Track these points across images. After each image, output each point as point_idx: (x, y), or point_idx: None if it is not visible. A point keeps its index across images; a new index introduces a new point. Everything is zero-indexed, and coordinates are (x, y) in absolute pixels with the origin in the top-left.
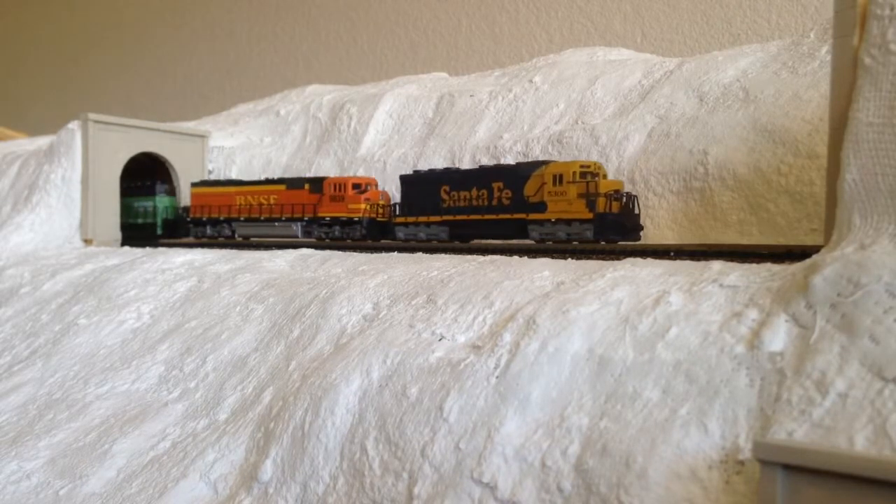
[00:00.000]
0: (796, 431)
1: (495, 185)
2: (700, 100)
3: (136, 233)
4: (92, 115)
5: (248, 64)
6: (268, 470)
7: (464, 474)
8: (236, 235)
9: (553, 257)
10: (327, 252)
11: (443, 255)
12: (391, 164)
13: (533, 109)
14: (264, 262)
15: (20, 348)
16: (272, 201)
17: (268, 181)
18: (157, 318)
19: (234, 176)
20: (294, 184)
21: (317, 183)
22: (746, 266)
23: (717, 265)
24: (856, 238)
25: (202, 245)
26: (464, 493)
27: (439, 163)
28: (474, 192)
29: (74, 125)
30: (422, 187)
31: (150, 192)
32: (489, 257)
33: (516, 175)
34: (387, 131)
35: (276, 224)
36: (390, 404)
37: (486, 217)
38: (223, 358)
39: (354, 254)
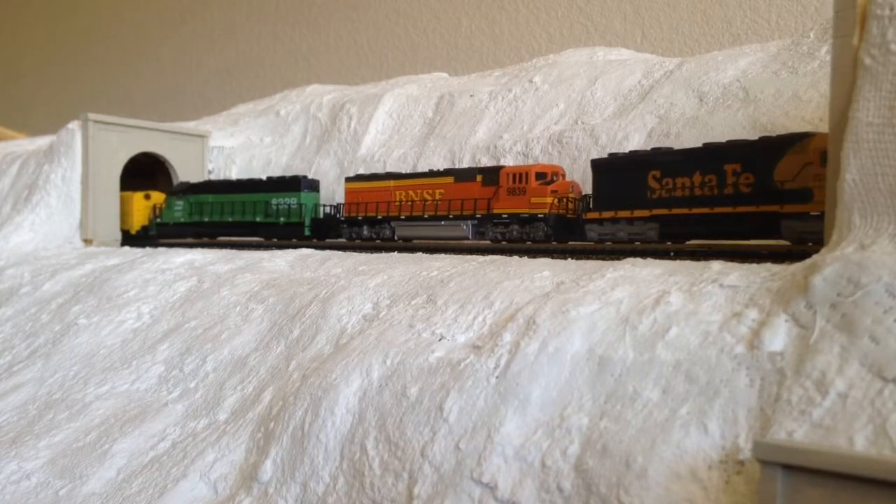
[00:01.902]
0: (796, 431)
1: (729, 168)
2: (700, 100)
3: (271, 233)
4: (92, 115)
5: (248, 64)
6: (268, 470)
7: (464, 474)
8: (395, 237)
9: (553, 257)
10: (327, 252)
11: (443, 255)
12: (391, 164)
13: (533, 109)
14: (264, 262)
15: (20, 348)
16: (437, 196)
17: (432, 173)
18: (157, 318)
19: (233, 177)
20: (464, 175)
21: (492, 173)
22: (746, 266)
23: (717, 265)
24: (856, 238)
25: (202, 245)
26: (464, 493)
27: (439, 163)
28: (697, 177)
29: (74, 125)
30: (621, 174)
31: (294, 188)
32: (489, 257)
33: (761, 153)
34: (387, 131)
35: (443, 223)
36: (390, 404)
37: (716, 210)
38: (223, 358)
39: (354, 254)
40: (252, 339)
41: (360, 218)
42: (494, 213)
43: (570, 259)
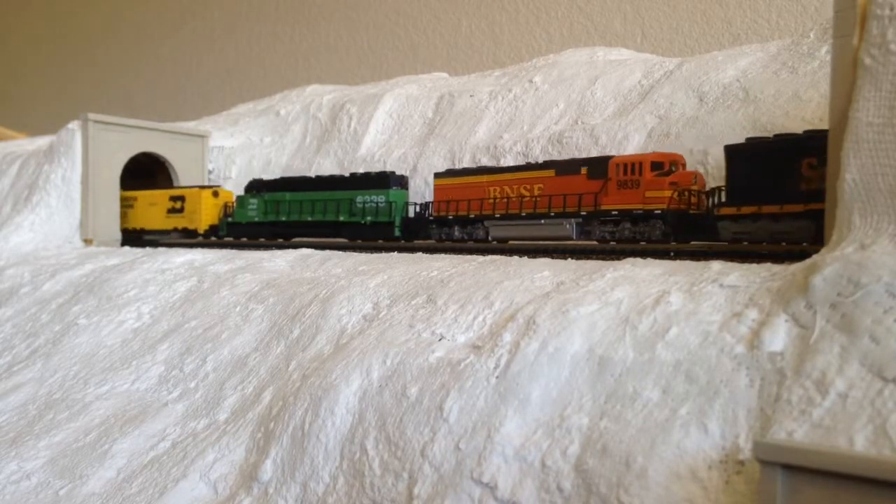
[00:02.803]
0: (796, 431)
1: None
2: (700, 100)
3: (356, 233)
4: (92, 115)
5: (248, 64)
6: (268, 470)
7: (464, 474)
8: (490, 237)
9: (553, 257)
10: (327, 252)
11: (443, 255)
12: (391, 164)
13: (533, 109)
14: (264, 262)
15: (20, 348)
16: (536, 192)
17: (530, 166)
18: (157, 318)
19: (233, 177)
20: (567, 167)
21: (599, 165)
22: (746, 266)
23: (717, 265)
24: (856, 238)
25: (202, 245)
26: (464, 493)
27: (439, 163)
28: None
29: (74, 125)
30: (766, 162)
31: (382, 185)
32: (489, 257)
33: None
34: (387, 131)
35: (543, 222)
36: (390, 404)
37: None
38: (223, 358)
39: (354, 254)
40: (252, 339)
41: (450, 217)
42: (602, 210)
43: (570, 259)
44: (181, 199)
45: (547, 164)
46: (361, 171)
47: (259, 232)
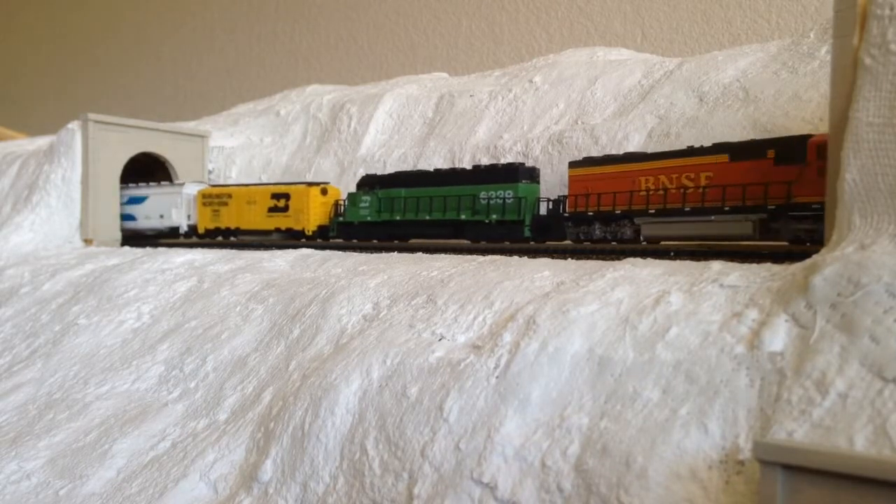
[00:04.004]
0: (796, 431)
1: None
2: (700, 100)
3: (480, 233)
4: (92, 116)
5: (248, 64)
6: (268, 470)
7: (464, 474)
8: (641, 237)
9: (553, 257)
10: (327, 252)
11: (443, 255)
12: (391, 164)
13: (533, 109)
14: (264, 262)
15: (20, 348)
16: (703, 181)
17: (693, 151)
18: (157, 318)
19: (233, 177)
20: (746, 151)
21: (792, 147)
22: (746, 266)
23: (717, 265)
24: (856, 238)
25: (202, 245)
26: (464, 493)
27: (439, 163)
28: None
29: (74, 125)
30: None
31: (510, 178)
32: (489, 257)
33: None
34: (387, 131)
35: (713, 218)
36: (390, 404)
37: None
38: (223, 358)
39: (354, 254)
40: (252, 339)
41: (589, 214)
42: (797, 203)
43: (570, 259)
44: (285, 196)
45: (718, 148)
46: (360, 172)
47: (372, 233)
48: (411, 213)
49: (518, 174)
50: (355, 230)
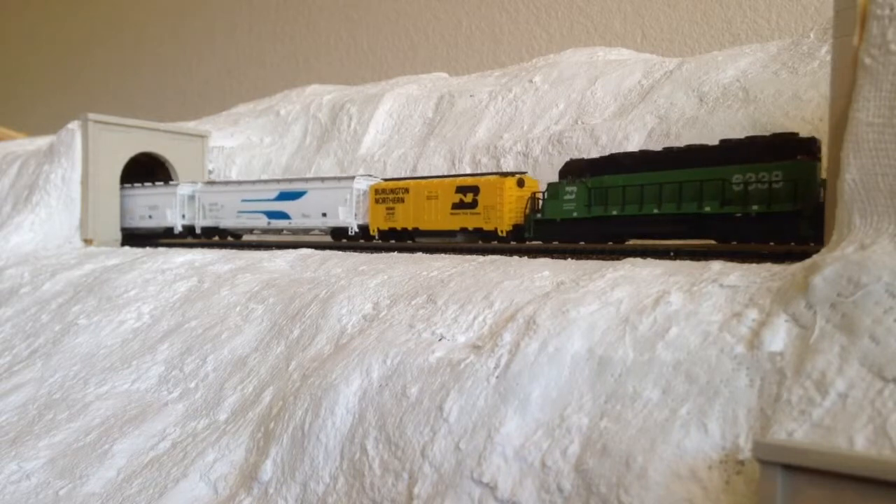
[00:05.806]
0: (796, 431)
1: None
2: (700, 100)
3: (733, 232)
4: (92, 116)
5: (248, 64)
6: (268, 470)
7: (464, 474)
8: None
9: (553, 257)
10: (327, 252)
11: (443, 255)
12: (391, 164)
13: (533, 109)
14: (264, 263)
15: (20, 348)
16: None
17: None
18: (157, 318)
19: (233, 176)
20: None
21: None
22: (746, 266)
23: (717, 265)
24: (856, 238)
25: (202, 245)
26: (464, 493)
27: (439, 163)
28: None
29: (74, 125)
30: None
31: (779, 154)
32: (489, 257)
33: None
34: (387, 131)
35: None
36: (390, 404)
37: None
38: (223, 358)
39: (354, 254)
40: (252, 339)
41: None
42: None
43: (569, 259)
44: (473, 189)
45: None
46: (360, 171)
47: (579, 232)
48: (633, 206)
49: (794, 149)
50: (558, 229)
